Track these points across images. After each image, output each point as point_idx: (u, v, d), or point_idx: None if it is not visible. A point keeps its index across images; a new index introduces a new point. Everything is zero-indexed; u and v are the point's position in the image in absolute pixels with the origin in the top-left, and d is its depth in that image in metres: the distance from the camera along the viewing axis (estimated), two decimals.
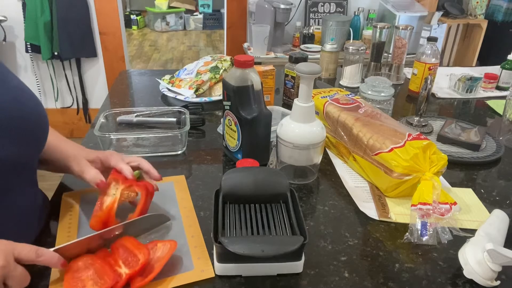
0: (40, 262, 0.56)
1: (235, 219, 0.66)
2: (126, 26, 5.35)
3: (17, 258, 0.54)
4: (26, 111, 0.63)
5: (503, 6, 2.75)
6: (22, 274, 0.54)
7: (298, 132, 0.81)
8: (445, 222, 0.73)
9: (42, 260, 0.56)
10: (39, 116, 0.66)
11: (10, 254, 0.53)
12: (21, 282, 0.54)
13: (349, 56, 1.41)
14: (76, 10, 2.46)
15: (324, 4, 2.69)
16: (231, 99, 0.86)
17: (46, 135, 0.69)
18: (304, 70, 0.77)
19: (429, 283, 0.63)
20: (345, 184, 0.87)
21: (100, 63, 2.70)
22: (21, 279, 0.54)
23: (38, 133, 0.66)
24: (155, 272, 0.60)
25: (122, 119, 1.08)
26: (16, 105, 0.61)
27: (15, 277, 0.53)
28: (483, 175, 0.93)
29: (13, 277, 0.52)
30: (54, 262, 0.58)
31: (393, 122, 0.90)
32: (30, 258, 0.55)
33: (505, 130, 1.08)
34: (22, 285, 0.54)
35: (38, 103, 0.66)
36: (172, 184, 0.85)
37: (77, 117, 2.85)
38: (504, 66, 1.44)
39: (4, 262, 0.51)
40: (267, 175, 0.72)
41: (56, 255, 0.58)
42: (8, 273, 0.52)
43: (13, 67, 2.64)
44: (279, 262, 0.62)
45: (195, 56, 4.67)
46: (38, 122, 0.65)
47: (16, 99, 0.62)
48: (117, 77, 1.49)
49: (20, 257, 0.54)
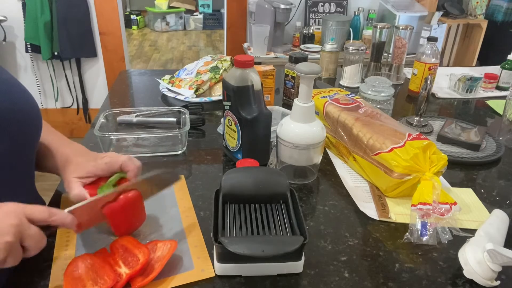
0: (53, 221, 0.54)
1: (235, 219, 0.66)
2: (126, 26, 5.35)
3: (29, 218, 0.52)
4: (17, 104, 0.62)
5: (503, 6, 2.75)
6: (38, 233, 0.52)
7: (298, 132, 0.81)
8: (445, 222, 0.73)
9: (55, 219, 0.54)
10: (30, 108, 0.65)
11: (21, 213, 0.52)
12: (37, 242, 0.52)
13: (349, 56, 1.41)
14: (76, 10, 2.47)
15: (324, 4, 2.69)
16: (231, 99, 0.86)
17: (39, 128, 0.68)
18: (304, 70, 0.77)
19: (429, 283, 0.63)
20: (345, 184, 0.87)
21: (100, 63, 2.70)
22: (37, 239, 0.52)
23: (30, 125, 0.65)
24: (156, 272, 0.60)
25: (122, 119, 1.08)
26: (7, 97, 0.61)
27: (31, 236, 0.51)
28: (483, 175, 0.93)
29: (29, 236, 0.51)
30: (68, 221, 0.56)
31: (393, 122, 0.90)
32: (42, 218, 0.53)
33: (505, 130, 1.08)
34: (39, 245, 0.53)
35: (29, 96, 0.66)
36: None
37: (77, 117, 2.85)
38: (504, 66, 1.44)
39: (17, 220, 0.50)
40: (267, 175, 0.72)
41: (70, 215, 0.56)
42: (23, 231, 0.51)
43: (13, 67, 2.65)
44: (279, 262, 0.62)
45: (195, 56, 4.67)
46: (30, 115, 0.65)
47: (7, 91, 0.61)
48: (117, 77, 1.49)
49: (32, 217, 0.53)
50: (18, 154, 0.64)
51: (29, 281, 0.56)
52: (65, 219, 0.56)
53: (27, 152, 0.67)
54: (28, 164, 0.69)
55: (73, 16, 2.47)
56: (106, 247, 0.65)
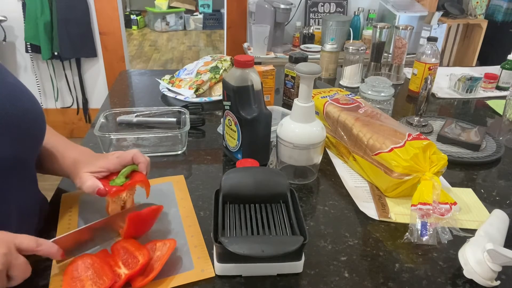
0: (40, 251, 0.56)
1: (235, 219, 0.66)
2: (126, 26, 5.35)
3: (18, 247, 0.54)
4: (22, 108, 0.62)
5: (503, 6, 2.75)
6: (24, 264, 0.54)
7: (298, 132, 0.81)
8: (445, 222, 0.73)
9: (42, 249, 0.56)
10: (35, 112, 0.65)
11: (11, 243, 0.53)
12: (23, 271, 0.54)
13: (349, 56, 1.41)
14: (76, 10, 2.46)
15: (324, 4, 2.69)
16: (231, 99, 0.86)
17: (43, 132, 0.69)
18: (304, 70, 0.77)
19: (429, 283, 0.63)
20: (345, 184, 0.87)
21: (100, 63, 2.70)
22: (23, 269, 0.54)
23: (35, 130, 0.66)
24: (155, 272, 0.60)
25: (122, 119, 1.08)
26: (11, 101, 0.61)
27: (18, 266, 0.53)
28: (483, 175, 0.93)
29: (15, 266, 0.52)
30: (53, 252, 0.58)
31: (393, 122, 0.90)
32: (30, 248, 0.55)
33: (505, 130, 1.08)
34: (24, 275, 0.54)
35: (34, 100, 0.66)
36: (171, 184, 0.85)
37: (77, 117, 2.85)
38: (504, 66, 1.44)
39: (6, 249, 0.51)
40: (267, 175, 0.72)
41: (56, 246, 0.58)
42: (11, 261, 0.52)
43: (13, 67, 2.64)
44: (279, 262, 0.62)
45: (195, 56, 4.67)
46: (34, 119, 0.65)
47: (11, 95, 0.61)
48: (117, 77, 1.49)
49: (21, 247, 0.54)
50: (23, 157, 0.64)
51: (29, 281, 0.56)
52: (51, 248, 0.58)
53: (31, 156, 0.68)
54: (32, 167, 0.70)
55: (73, 16, 2.46)
56: (107, 248, 0.65)
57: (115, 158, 0.72)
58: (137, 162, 0.72)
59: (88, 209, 0.76)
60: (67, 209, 0.76)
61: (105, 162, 0.71)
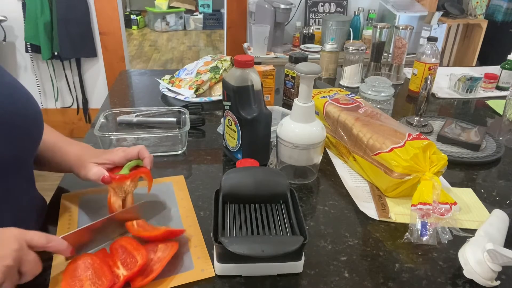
0: (50, 248, 0.57)
1: (235, 219, 0.66)
2: (126, 26, 5.35)
3: (29, 243, 0.54)
4: (20, 107, 0.63)
5: (503, 6, 2.75)
6: (35, 260, 0.54)
7: (298, 132, 0.81)
8: (445, 222, 0.73)
9: (52, 245, 0.57)
10: (33, 112, 0.65)
11: (22, 239, 0.53)
12: (34, 267, 0.54)
13: (349, 56, 1.41)
14: (76, 10, 2.46)
15: (324, 4, 2.69)
16: (231, 99, 0.86)
17: (41, 132, 0.69)
18: (304, 70, 0.77)
19: (429, 283, 0.63)
20: (345, 184, 0.87)
21: (100, 63, 2.70)
22: (34, 265, 0.54)
23: (33, 129, 0.66)
24: (155, 273, 0.60)
25: (122, 119, 1.08)
26: (9, 101, 0.61)
27: (29, 262, 0.53)
28: (483, 175, 0.93)
29: (27, 261, 0.53)
30: (63, 248, 0.58)
31: (393, 122, 0.90)
32: (41, 244, 0.55)
33: (505, 130, 1.08)
34: (35, 271, 0.54)
35: (32, 100, 0.66)
36: (171, 184, 0.85)
37: (77, 117, 2.85)
38: (504, 66, 1.44)
39: (17, 245, 0.52)
40: (267, 175, 0.72)
41: (65, 242, 0.59)
42: (22, 257, 0.52)
43: (13, 67, 2.65)
44: (279, 262, 0.62)
45: (195, 56, 4.67)
46: (32, 118, 0.65)
47: (9, 95, 0.62)
48: (117, 77, 1.49)
49: (32, 243, 0.54)
50: (21, 156, 0.64)
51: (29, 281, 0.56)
52: (60, 245, 0.58)
53: (29, 155, 0.68)
54: (30, 166, 0.70)
55: (73, 16, 2.46)
56: (106, 248, 0.65)
57: (121, 152, 0.74)
58: (142, 157, 0.74)
59: (88, 209, 0.76)
60: (67, 209, 0.76)
61: (110, 155, 0.73)
